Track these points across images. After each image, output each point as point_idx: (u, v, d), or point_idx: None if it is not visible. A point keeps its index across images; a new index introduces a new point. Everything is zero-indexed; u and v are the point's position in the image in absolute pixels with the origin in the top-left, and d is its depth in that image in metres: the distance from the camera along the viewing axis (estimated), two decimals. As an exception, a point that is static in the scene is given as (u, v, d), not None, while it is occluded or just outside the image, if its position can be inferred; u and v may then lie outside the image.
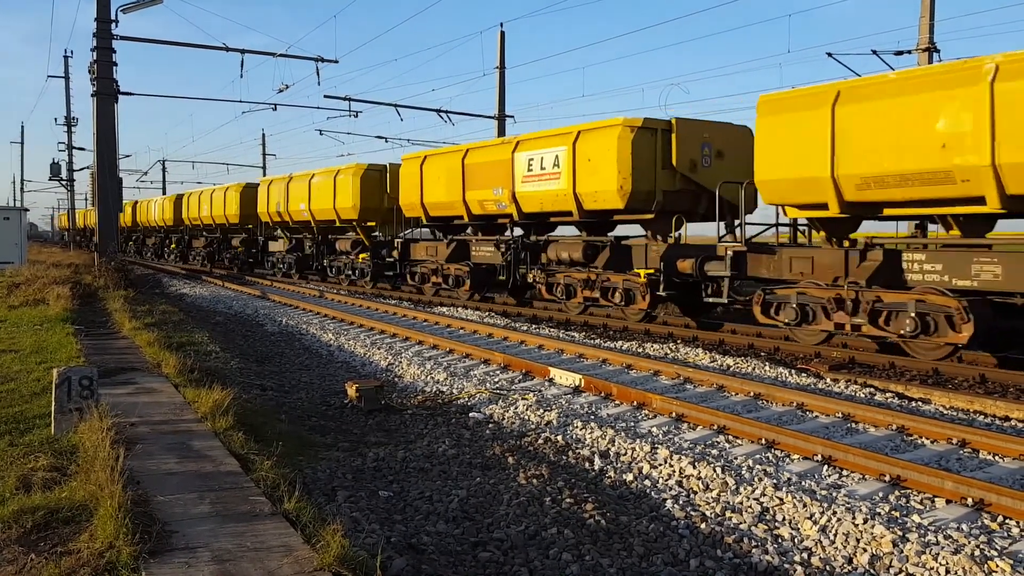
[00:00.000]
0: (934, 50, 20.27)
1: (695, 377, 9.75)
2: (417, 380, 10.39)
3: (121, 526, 4.02)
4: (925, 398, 9.15)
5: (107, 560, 3.82)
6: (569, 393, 9.25)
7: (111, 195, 24.09)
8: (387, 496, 5.94)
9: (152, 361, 9.74)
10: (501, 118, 34.03)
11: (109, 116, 23.69)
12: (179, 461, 5.55)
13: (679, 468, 6.35)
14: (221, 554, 3.93)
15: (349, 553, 3.84)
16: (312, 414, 8.66)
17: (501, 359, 11.14)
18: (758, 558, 4.82)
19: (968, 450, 6.93)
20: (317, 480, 6.21)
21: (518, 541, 5.06)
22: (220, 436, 6.21)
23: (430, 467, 6.63)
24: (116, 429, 5.73)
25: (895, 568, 4.63)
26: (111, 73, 23.70)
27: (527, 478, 6.21)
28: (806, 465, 6.48)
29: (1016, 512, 5.27)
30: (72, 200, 57.72)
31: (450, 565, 4.74)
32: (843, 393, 9.40)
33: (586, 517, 5.43)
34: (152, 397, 7.73)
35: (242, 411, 7.08)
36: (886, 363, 11.00)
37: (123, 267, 23.27)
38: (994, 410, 8.45)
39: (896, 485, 5.94)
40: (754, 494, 5.74)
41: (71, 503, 4.59)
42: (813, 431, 7.39)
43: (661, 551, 4.95)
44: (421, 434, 7.78)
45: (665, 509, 5.62)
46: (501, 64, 33.63)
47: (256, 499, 4.78)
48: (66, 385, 6.28)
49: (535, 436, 7.48)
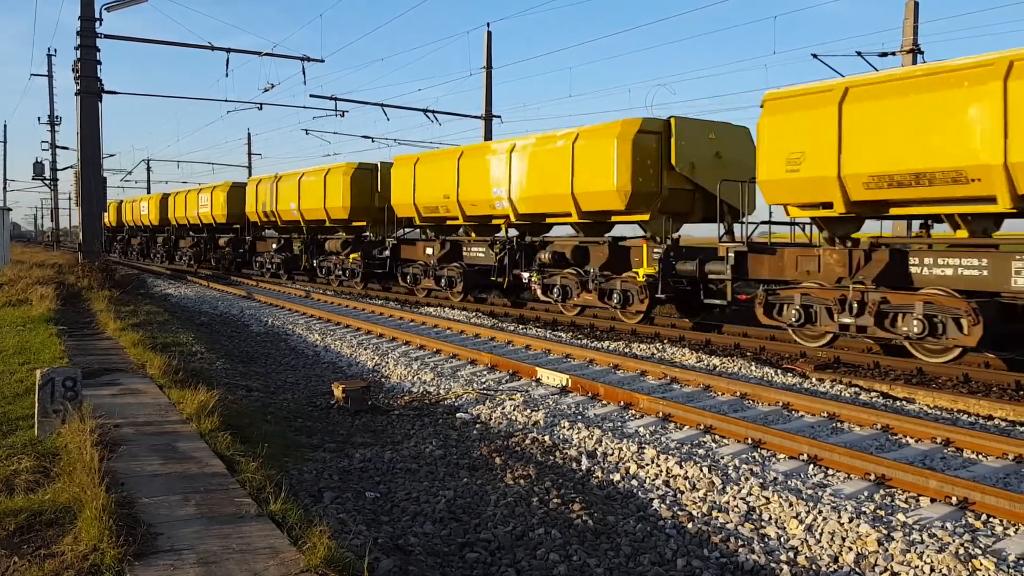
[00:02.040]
0: (918, 52, 20.43)
1: (682, 377, 9.77)
2: (404, 381, 10.37)
3: (105, 528, 3.99)
4: (910, 397, 9.21)
5: (91, 563, 3.79)
6: (556, 393, 9.26)
7: (95, 195, 23.93)
8: (374, 497, 5.92)
9: (137, 362, 9.67)
10: (488, 118, 34.01)
11: (93, 115, 23.52)
12: (164, 463, 5.52)
13: (666, 468, 6.36)
14: (207, 556, 3.91)
15: (336, 555, 3.83)
16: (298, 415, 8.62)
17: (488, 359, 11.14)
18: (744, 557, 4.84)
19: (952, 449, 6.98)
20: (303, 481, 6.18)
21: (505, 542, 5.05)
22: (205, 437, 6.17)
23: (417, 468, 6.62)
24: (100, 430, 5.69)
25: (880, 567, 4.66)
26: (95, 72, 23.54)
27: (514, 478, 6.21)
28: (792, 464, 6.51)
29: (999, 510, 5.31)
30: (55, 200, 57.38)
31: (437, 566, 4.73)
32: (828, 393, 9.45)
33: (573, 517, 5.43)
34: (137, 398, 7.68)
35: (228, 412, 7.04)
36: (871, 363, 11.07)
37: (107, 267, 23.11)
38: (978, 409, 8.52)
39: (881, 484, 5.97)
40: (740, 494, 5.76)
41: (55, 505, 4.55)
42: (799, 431, 7.42)
43: (648, 551, 4.96)
44: (408, 435, 7.77)
45: (652, 509, 5.63)
46: (488, 64, 33.61)
47: (242, 500, 4.75)
48: (49, 386, 6.23)
49: (522, 436, 7.48)
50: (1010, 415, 8.25)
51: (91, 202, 23.90)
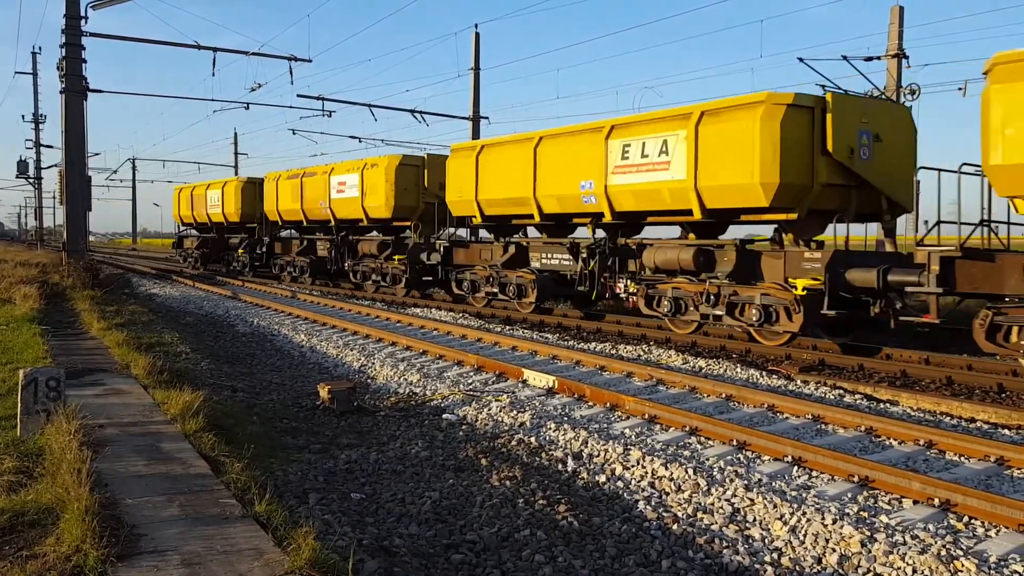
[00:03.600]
0: (903, 56, 20.58)
1: (668, 379, 9.81)
2: (390, 381, 10.35)
3: (88, 529, 3.97)
4: (893, 400, 9.27)
5: (74, 564, 3.76)
6: (543, 394, 9.27)
7: (79, 193, 23.77)
8: (359, 498, 5.91)
9: (121, 362, 9.61)
10: (476, 119, 34.01)
11: (78, 113, 23.36)
12: (148, 463, 5.48)
13: (651, 469, 6.38)
14: (190, 557, 3.89)
15: (320, 556, 3.82)
16: (284, 416, 8.59)
17: (475, 360, 11.13)
18: (729, 559, 4.86)
19: (935, 451, 7.03)
20: (288, 482, 6.16)
21: (491, 543, 5.05)
22: (190, 438, 6.14)
23: (403, 469, 6.61)
24: (84, 431, 5.65)
25: (863, 568, 4.69)
26: (80, 70, 23.39)
27: (500, 480, 6.21)
28: (777, 466, 6.54)
29: (981, 512, 5.36)
30: (39, 198, 56.98)
31: (422, 567, 4.73)
32: (813, 395, 9.51)
33: (559, 519, 5.44)
34: (121, 398, 7.63)
35: (213, 413, 7.01)
36: (855, 365, 11.14)
37: (91, 266, 22.96)
38: (960, 412, 8.59)
39: (865, 486, 6.01)
40: (725, 495, 5.79)
41: (37, 506, 4.52)
42: (783, 432, 7.46)
43: (633, 552, 4.98)
44: (394, 436, 7.75)
45: (638, 510, 5.64)
46: (476, 65, 33.61)
47: (226, 502, 4.73)
48: (32, 386, 6.18)
49: (508, 438, 7.48)
50: (992, 417, 8.33)
51: (75, 201, 23.73)
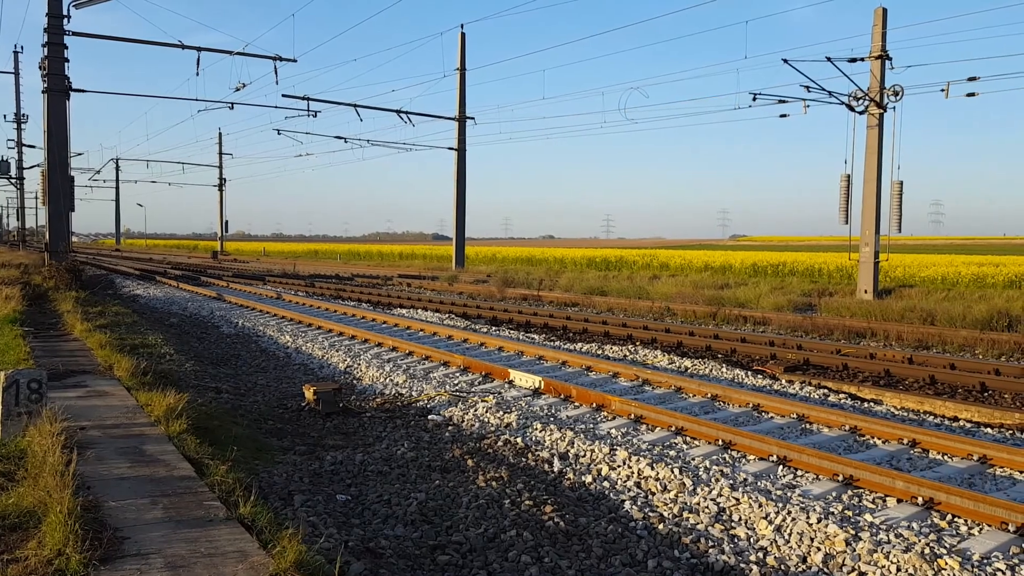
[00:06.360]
0: (886, 58, 20.71)
1: (654, 379, 9.82)
2: (376, 382, 10.32)
3: (70, 532, 3.93)
4: (877, 399, 9.33)
5: (56, 567, 3.72)
6: (529, 395, 9.26)
7: (62, 194, 23.57)
8: (345, 500, 5.89)
9: (104, 364, 9.54)
10: (462, 119, 33.95)
11: (60, 113, 23.17)
12: (131, 466, 5.44)
13: (637, 469, 6.39)
14: (174, 560, 3.86)
15: (306, 558, 3.80)
16: (269, 417, 8.55)
17: (461, 361, 11.11)
18: (715, 558, 4.87)
19: (919, 450, 7.08)
20: (274, 484, 6.13)
21: (477, 544, 5.04)
22: (174, 440, 6.10)
23: (389, 470, 6.59)
24: (66, 433, 5.60)
25: (848, 567, 4.71)
26: (63, 70, 23.21)
27: (486, 480, 6.20)
28: (762, 466, 6.57)
29: (964, 510, 5.39)
30: (21, 199, 56.45)
31: (408, 569, 4.71)
32: (798, 394, 9.55)
33: (545, 519, 5.43)
34: (104, 400, 7.57)
35: (197, 414, 6.97)
36: (839, 364, 11.20)
37: (74, 267, 22.78)
38: (943, 411, 8.65)
39: (849, 485, 6.04)
40: (711, 495, 5.80)
41: (19, 509, 4.47)
42: (769, 432, 7.49)
43: (619, 552, 4.98)
44: (380, 437, 7.73)
45: (624, 510, 5.65)
46: (462, 65, 33.55)
47: (211, 504, 4.70)
48: (14, 388, 6.11)
49: (494, 438, 7.47)
50: (975, 416, 8.39)
51: (58, 201, 23.53)
